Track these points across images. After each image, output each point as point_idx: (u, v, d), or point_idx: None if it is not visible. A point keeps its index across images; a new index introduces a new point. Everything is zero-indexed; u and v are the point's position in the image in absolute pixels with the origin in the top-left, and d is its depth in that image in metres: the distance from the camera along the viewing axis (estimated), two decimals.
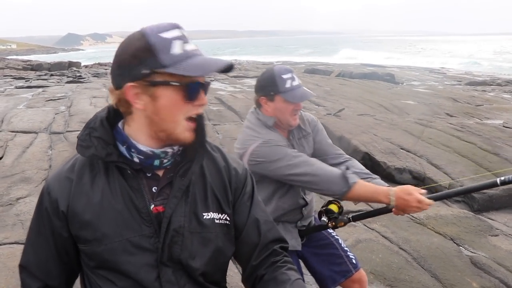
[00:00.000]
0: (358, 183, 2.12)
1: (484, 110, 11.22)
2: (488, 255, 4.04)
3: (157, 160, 1.23)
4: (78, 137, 1.25)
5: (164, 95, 1.14)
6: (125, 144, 1.23)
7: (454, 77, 22.86)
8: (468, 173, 6.08)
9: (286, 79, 2.17)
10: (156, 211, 1.23)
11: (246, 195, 1.39)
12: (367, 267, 3.70)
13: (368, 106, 11.04)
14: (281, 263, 1.36)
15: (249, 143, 2.20)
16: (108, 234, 1.20)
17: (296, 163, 2.14)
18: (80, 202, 1.21)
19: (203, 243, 1.27)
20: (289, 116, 2.24)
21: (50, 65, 29.42)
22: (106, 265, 1.21)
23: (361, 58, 40.39)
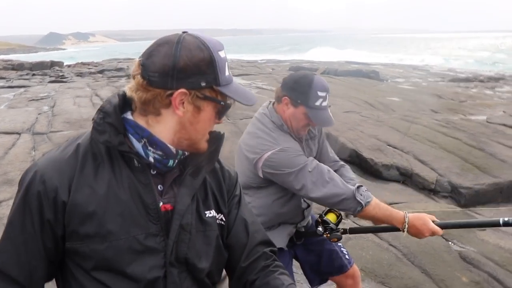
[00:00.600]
0: (371, 204, 2.06)
1: (468, 106, 11.35)
2: (476, 249, 4.07)
3: (172, 160, 1.20)
4: (93, 119, 1.18)
5: (207, 109, 1.18)
6: (142, 140, 1.18)
7: (437, 74, 23.05)
8: (454, 169, 6.14)
9: (320, 97, 2.09)
10: (164, 209, 1.18)
11: (236, 197, 1.40)
12: (358, 264, 3.64)
13: (353, 103, 11.08)
14: (273, 268, 1.33)
15: (265, 148, 2.11)
16: (113, 230, 1.11)
17: (312, 180, 2.06)
18: (83, 193, 1.12)
19: (208, 242, 1.24)
20: (301, 127, 2.19)
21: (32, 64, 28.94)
22: (106, 266, 1.12)
23: (331, 56, 40.51)
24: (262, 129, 2.18)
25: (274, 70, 22.13)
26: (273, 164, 2.09)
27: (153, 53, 1.13)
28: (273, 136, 2.14)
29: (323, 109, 2.12)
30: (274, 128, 2.18)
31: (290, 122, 2.18)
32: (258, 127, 2.20)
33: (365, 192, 2.09)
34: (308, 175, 2.06)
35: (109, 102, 1.20)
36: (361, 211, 2.06)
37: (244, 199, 1.44)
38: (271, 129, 2.17)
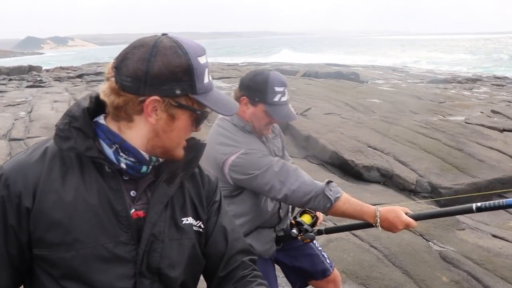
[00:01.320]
0: (341, 199, 2.00)
1: (447, 107, 11.51)
2: (456, 249, 4.10)
3: (145, 166, 1.16)
4: (56, 125, 1.12)
5: (182, 118, 1.13)
6: (114, 146, 1.13)
7: (416, 75, 23.35)
8: (434, 169, 6.20)
9: (278, 92, 2.05)
10: (136, 216, 1.13)
11: (216, 203, 1.34)
12: (339, 266, 3.68)
13: (334, 105, 11.12)
14: (251, 278, 1.29)
15: (228, 152, 2.06)
16: (80, 238, 1.06)
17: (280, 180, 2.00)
18: (49, 199, 1.06)
19: (182, 250, 1.19)
20: (263, 126, 2.13)
21: (9, 69, 28.40)
22: (74, 275, 1.07)
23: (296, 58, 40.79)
24: (223, 133, 2.12)
25: None
26: (238, 168, 2.03)
27: (128, 56, 1.07)
28: (236, 139, 2.08)
29: (283, 104, 2.07)
30: (236, 130, 2.12)
31: (251, 121, 2.12)
32: (219, 133, 2.14)
33: (335, 187, 2.03)
34: (275, 175, 2.00)
35: (77, 105, 1.15)
36: (331, 208, 1.99)
37: (225, 206, 1.38)
38: (232, 132, 2.11)
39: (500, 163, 6.52)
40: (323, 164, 6.96)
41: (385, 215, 1.98)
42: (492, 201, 1.87)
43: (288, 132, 8.18)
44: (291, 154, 7.41)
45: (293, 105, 10.07)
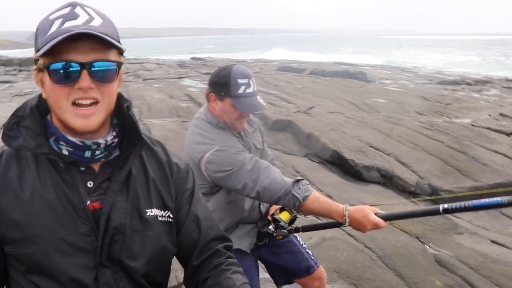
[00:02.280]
0: (310, 198, 2.01)
1: (454, 109, 11.38)
2: (452, 253, 4.04)
3: (88, 151, 1.13)
4: (3, 125, 1.13)
5: (46, 80, 1.08)
6: (52, 136, 1.13)
7: (425, 76, 23.14)
8: (435, 171, 6.12)
9: (241, 84, 2.06)
10: (93, 207, 1.12)
11: (187, 191, 1.31)
12: (331, 265, 3.65)
13: (338, 104, 11.05)
14: (225, 266, 1.27)
15: (202, 150, 2.08)
16: (39, 233, 1.07)
17: (252, 177, 2.01)
18: (6, 199, 1.09)
19: (145, 242, 1.17)
20: (235, 120, 2.14)
21: (20, 60, 28.64)
22: (38, 269, 1.09)
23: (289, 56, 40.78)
24: (198, 132, 2.15)
25: (262, 70, 22.09)
26: (212, 165, 2.05)
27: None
28: (210, 136, 2.11)
29: (249, 95, 2.09)
30: (211, 127, 2.15)
31: (222, 117, 2.15)
32: (194, 132, 2.18)
33: (305, 186, 2.03)
34: (247, 172, 2.01)
35: (24, 105, 1.16)
36: (300, 206, 2.01)
37: (198, 193, 1.35)
38: (207, 130, 2.14)
39: (504, 167, 6.42)
40: (324, 162, 6.90)
41: (353, 214, 1.98)
42: (459, 203, 1.81)
43: (290, 130, 8.14)
44: (291, 151, 7.38)
45: (297, 103, 10.05)
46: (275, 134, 7.90)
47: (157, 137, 7.77)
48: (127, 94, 12.56)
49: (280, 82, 15.38)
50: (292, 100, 11.57)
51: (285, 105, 10.87)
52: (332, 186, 5.69)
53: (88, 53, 1.04)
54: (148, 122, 8.83)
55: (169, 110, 9.97)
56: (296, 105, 10.78)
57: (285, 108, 10.11)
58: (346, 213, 1.98)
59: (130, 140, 1.20)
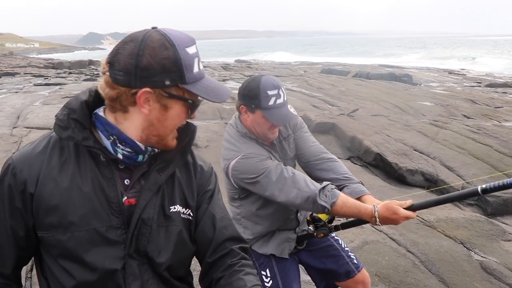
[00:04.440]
0: (337, 203, 2.01)
1: (504, 112, 11.00)
2: (499, 260, 3.92)
3: (141, 155, 1.22)
4: (56, 115, 1.21)
5: (175, 107, 1.18)
6: (111, 137, 1.20)
7: (474, 78, 22.47)
8: (482, 176, 5.93)
9: (271, 96, 2.07)
10: (128, 203, 1.20)
11: (208, 192, 1.39)
12: (372, 269, 3.62)
13: (383, 107, 10.90)
14: (239, 267, 1.31)
15: (230, 157, 2.14)
16: (75, 222, 1.15)
17: (278, 186, 2.05)
18: (48, 186, 1.16)
19: (168, 237, 1.25)
20: (267, 130, 2.16)
21: (70, 63, 29.83)
22: (69, 255, 1.17)
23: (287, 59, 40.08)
24: (229, 139, 2.21)
25: (305, 72, 22.04)
26: (238, 171, 2.10)
27: (119, 51, 1.13)
28: (237, 144, 2.16)
29: (279, 106, 2.09)
30: (239, 136, 2.19)
31: (254, 129, 2.17)
32: (226, 138, 2.24)
33: (331, 191, 2.03)
34: (272, 180, 2.04)
35: (76, 98, 1.23)
36: (330, 212, 2.04)
37: (218, 195, 1.43)
38: (236, 139, 2.19)
39: None
40: (366, 165, 6.84)
41: (383, 214, 1.98)
42: (497, 181, 1.75)
43: (333, 132, 8.11)
44: (334, 154, 7.31)
45: (341, 106, 9.98)
46: (318, 137, 7.82)
47: (200, 138, 7.90)
48: None
49: (324, 84, 15.32)
50: (335, 102, 11.52)
51: (329, 107, 10.83)
52: (374, 190, 5.63)
53: None
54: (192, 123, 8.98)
55: (213, 112, 10.13)
56: (340, 107, 10.72)
57: (329, 111, 10.08)
58: (376, 214, 1.99)
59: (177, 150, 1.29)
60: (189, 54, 1.14)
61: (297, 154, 2.38)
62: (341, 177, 2.24)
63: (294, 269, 2.36)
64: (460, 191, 1.97)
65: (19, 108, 10.57)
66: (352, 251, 2.54)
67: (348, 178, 2.24)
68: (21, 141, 7.55)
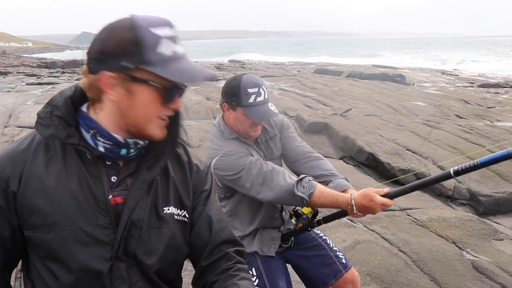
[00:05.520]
0: (315, 194, 2.03)
1: (496, 112, 11.05)
2: (491, 259, 3.93)
3: (124, 149, 1.17)
4: (38, 113, 1.16)
5: (142, 93, 1.09)
6: (91, 131, 1.16)
7: (467, 79, 22.60)
8: (474, 176, 5.95)
9: (251, 94, 2.10)
10: (114, 201, 1.15)
11: (204, 192, 1.34)
12: (364, 268, 3.62)
13: (376, 107, 10.92)
14: (234, 271, 1.27)
15: (211, 156, 2.18)
16: (59, 221, 1.10)
17: (258, 181, 2.07)
18: (32, 185, 1.12)
19: (160, 239, 1.20)
20: (248, 128, 2.18)
21: (64, 63, 29.66)
22: (54, 256, 1.12)
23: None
24: (212, 139, 2.26)
25: (299, 72, 22.07)
26: (219, 169, 2.13)
27: (94, 40, 1.10)
28: (219, 143, 2.21)
29: (259, 104, 2.12)
30: (220, 135, 2.24)
31: (236, 126, 2.20)
32: (209, 138, 2.29)
33: (308, 183, 2.06)
34: (252, 176, 2.08)
35: (60, 94, 1.18)
36: (308, 203, 2.06)
37: (215, 195, 1.38)
38: (217, 137, 2.24)
39: None
40: (359, 165, 6.84)
41: (360, 202, 1.99)
42: (468, 162, 1.81)
43: (326, 132, 8.11)
44: (327, 154, 7.35)
45: (334, 106, 9.99)
46: (310, 137, 7.89)
47: (193, 138, 7.87)
48: None
49: (317, 84, 15.33)
50: (328, 102, 11.52)
51: (322, 107, 10.83)
52: None
53: None
54: (185, 123, 8.95)
55: (206, 112, 10.11)
56: (333, 107, 10.73)
57: (321, 111, 10.08)
58: (353, 202, 2.00)
59: (164, 144, 1.22)
60: (154, 34, 1.06)
61: (283, 154, 2.40)
62: (327, 173, 2.27)
63: (280, 267, 2.35)
64: (435, 175, 1.96)
65: (11, 107, 10.48)
66: (344, 251, 2.54)
67: (333, 174, 2.28)
68: (12, 140, 7.48)
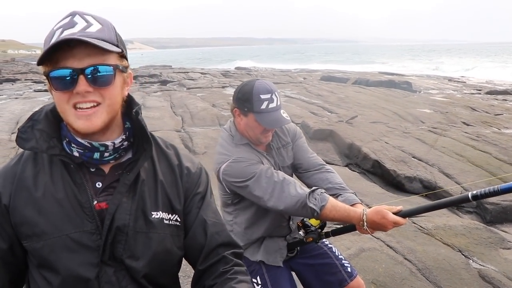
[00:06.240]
0: (327, 207, 2.00)
1: (504, 120, 10.97)
2: (498, 268, 3.88)
3: (96, 153, 1.19)
4: (18, 129, 1.20)
5: (50, 88, 1.13)
6: (65, 139, 1.20)
7: (474, 85, 22.47)
8: (481, 183, 5.88)
9: (264, 100, 2.08)
10: (99, 207, 1.17)
11: (198, 195, 1.33)
12: (369, 277, 3.58)
13: (382, 114, 10.89)
14: (231, 274, 1.26)
15: (221, 161, 2.14)
16: (47, 229, 1.14)
17: (268, 190, 2.04)
18: (21, 197, 1.16)
19: (148, 244, 1.20)
20: (259, 134, 2.16)
21: None
22: (46, 264, 1.15)
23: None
24: (222, 143, 2.22)
25: (305, 80, 22.07)
26: (228, 175, 2.10)
27: None
28: (229, 148, 2.17)
29: (271, 111, 2.09)
30: (231, 141, 2.20)
31: (247, 132, 2.18)
32: (219, 143, 2.25)
33: (320, 195, 2.02)
34: (262, 184, 2.04)
35: (41, 109, 1.23)
36: (319, 216, 2.02)
37: (211, 197, 1.37)
38: (228, 143, 2.20)
39: None
40: (365, 172, 6.81)
41: (372, 218, 1.97)
42: (488, 188, 1.75)
43: (331, 139, 8.09)
44: (332, 161, 7.33)
45: (340, 113, 9.97)
46: (316, 144, 7.87)
47: (198, 145, 7.88)
48: (170, 102, 12.84)
49: (323, 91, 15.33)
50: (334, 109, 11.51)
51: (327, 114, 10.82)
52: (372, 197, 5.60)
53: (83, 59, 1.08)
54: (191, 130, 8.99)
55: (212, 119, 10.13)
56: (338, 114, 10.71)
57: (327, 118, 10.07)
58: (364, 218, 1.97)
59: (140, 144, 1.23)
60: (52, 30, 1.10)
61: (294, 164, 2.38)
62: (337, 186, 2.25)
63: (286, 276, 2.33)
64: (451, 197, 1.95)
65: (18, 114, 10.58)
66: (348, 258, 2.52)
67: (343, 188, 2.25)
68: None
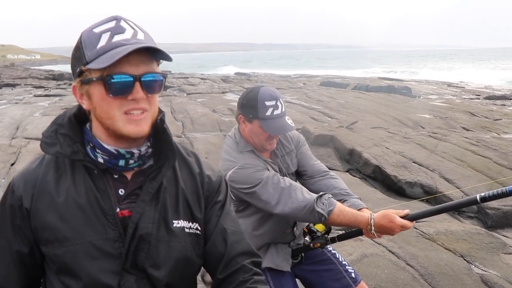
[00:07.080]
0: (334, 212, 2.01)
1: (503, 125, 11.00)
2: (500, 273, 3.88)
3: (122, 160, 1.18)
4: (42, 133, 1.20)
5: (94, 92, 1.11)
6: (89, 144, 1.19)
7: (473, 91, 22.53)
8: (481, 188, 5.89)
9: (268, 106, 2.08)
10: (121, 215, 1.16)
11: (218, 203, 1.32)
12: (371, 282, 3.59)
13: (382, 119, 10.91)
14: (251, 284, 1.25)
15: (226, 168, 2.13)
16: (69, 235, 1.12)
17: (275, 196, 2.04)
18: (43, 201, 1.15)
19: (169, 252, 1.19)
20: (264, 141, 2.16)
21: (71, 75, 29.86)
22: (66, 270, 1.14)
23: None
24: (227, 150, 2.22)
25: (305, 85, 22.12)
26: (235, 182, 2.09)
27: None
28: (235, 155, 2.17)
29: (276, 117, 2.10)
30: (236, 147, 2.21)
31: (252, 139, 2.18)
32: (224, 149, 2.25)
33: (328, 200, 2.04)
34: (270, 190, 2.05)
35: (64, 113, 1.23)
36: (326, 220, 2.03)
37: (229, 207, 1.36)
38: (233, 149, 2.20)
39: None
40: (365, 178, 6.82)
41: (379, 222, 1.98)
42: (496, 190, 1.76)
43: (332, 145, 8.10)
44: (333, 166, 7.34)
45: (340, 118, 10.00)
46: (317, 149, 7.88)
47: (199, 150, 7.89)
48: (171, 108, 12.87)
49: (323, 97, 15.36)
50: (334, 115, 11.53)
51: (328, 120, 10.85)
52: (373, 202, 5.61)
53: (139, 66, 1.09)
54: (191, 135, 9.00)
55: (212, 124, 10.14)
56: (339, 120, 10.74)
57: (328, 123, 10.09)
58: (372, 222, 1.99)
59: (163, 152, 1.22)
60: (94, 32, 1.10)
61: (298, 171, 2.39)
62: (343, 192, 2.26)
63: (290, 283, 2.33)
64: (458, 200, 1.96)
65: (18, 119, 10.59)
66: (351, 264, 2.52)
67: (348, 193, 2.26)
68: (19, 152, 7.54)
